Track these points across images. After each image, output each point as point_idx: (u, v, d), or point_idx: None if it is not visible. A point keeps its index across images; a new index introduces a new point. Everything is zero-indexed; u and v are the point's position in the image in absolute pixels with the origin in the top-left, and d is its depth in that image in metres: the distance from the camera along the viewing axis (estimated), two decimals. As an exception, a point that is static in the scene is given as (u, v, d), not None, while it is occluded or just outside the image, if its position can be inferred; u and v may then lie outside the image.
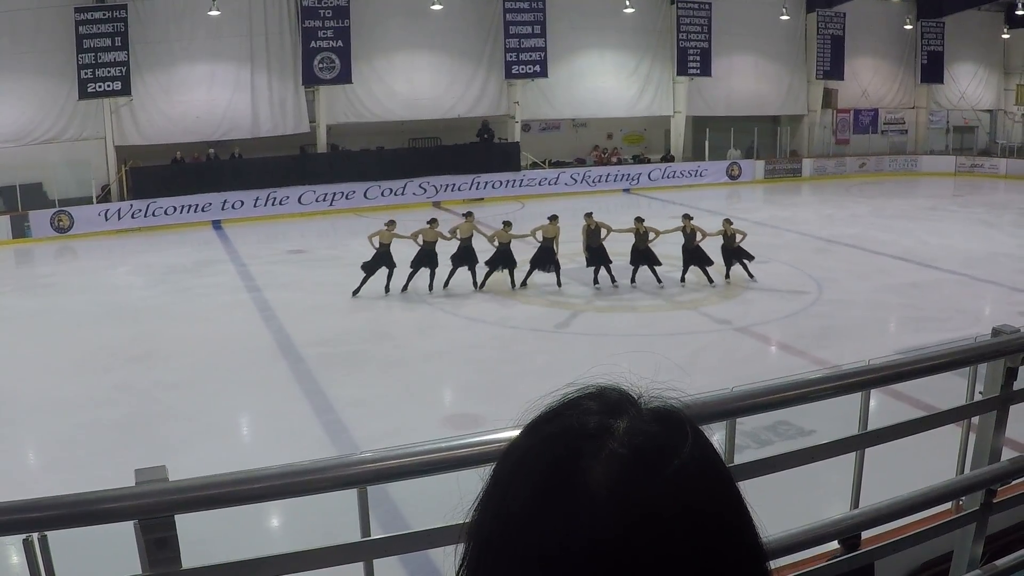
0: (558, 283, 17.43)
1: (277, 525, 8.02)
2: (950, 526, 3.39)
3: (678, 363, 11.98)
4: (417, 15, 29.16)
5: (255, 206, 27.27)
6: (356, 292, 16.87)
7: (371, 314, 16.27)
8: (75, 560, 2.44)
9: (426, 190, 29.47)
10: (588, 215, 17.97)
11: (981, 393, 3.30)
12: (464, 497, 0.88)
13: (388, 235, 16.86)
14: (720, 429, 2.75)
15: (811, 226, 24.81)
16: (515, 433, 0.86)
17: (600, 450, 0.79)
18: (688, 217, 17.93)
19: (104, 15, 25.34)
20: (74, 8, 25.01)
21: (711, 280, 17.77)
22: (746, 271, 18.04)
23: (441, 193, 29.66)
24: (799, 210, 28.67)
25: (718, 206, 26.77)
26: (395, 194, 28.91)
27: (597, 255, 17.57)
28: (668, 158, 34.36)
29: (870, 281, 18.02)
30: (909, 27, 36.70)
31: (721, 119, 34.40)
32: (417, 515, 7.11)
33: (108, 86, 25.73)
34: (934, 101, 38.50)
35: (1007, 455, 3.37)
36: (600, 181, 32.27)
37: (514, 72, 31.13)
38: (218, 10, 26.19)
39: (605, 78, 32.91)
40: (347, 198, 28.41)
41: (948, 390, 3.68)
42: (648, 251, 17.50)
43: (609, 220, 18.12)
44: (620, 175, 32.85)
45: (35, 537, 2.03)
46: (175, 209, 26.28)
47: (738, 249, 17.91)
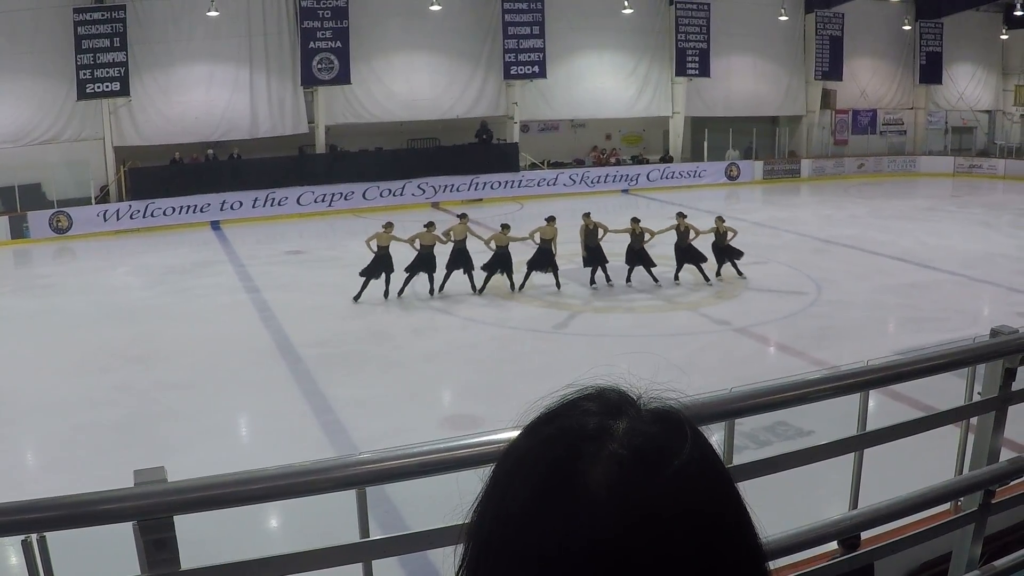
0: (557, 284, 17.42)
1: (276, 526, 8.02)
2: (949, 526, 3.39)
3: (677, 364, 11.98)
4: (416, 16, 29.14)
5: (254, 207, 27.24)
6: (357, 298, 16.69)
7: (370, 315, 16.26)
8: (74, 561, 2.44)
9: (425, 191, 29.47)
10: (586, 215, 18.01)
11: (980, 394, 3.30)
12: (464, 498, 0.88)
13: (386, 237, 16.67)
14: (719, 430, 2.76)
15: (810, 227, 24.81)
16: (514, 434, 0.86)
17: (600, 451, 0.79)
18: (682, 215, 18.07)
19: (103, 16, 25.34)
20: (73, 9, 24.99)
21: (707, 278, 17.87)
22: (735, 269, 18.20)
23: (440, 194, 29.66)
24: (798, 211, 28.69)
25: (717, 207, 26.71)
26: (394, 195, 28.91)
27: (595, 255, 17.63)
28: (667, 159, 34.35)
29: (869, 282, 18.03)
30: (908, 28, 36.69)
31: (720, 120, 34.40)
32: (416, 516, 7.11)
33: (107, 87, 25.71)
34: (932, 102, 38.50)
35: (1006, 456, 3.38)
36: (599, 182, 32.26)
37: (513, 73, 31.12)
38: (217, 11, 26.17)
39: (604, 79, 32.90)
40: (346, 199, 28.39)
41: (947, 391, 3.68)
42: (643, 251, 17.55)
43: (607, 221, 18.13)
44: (619, 176, 32.84)
45: (34, 538, 2.03)
46: (174, 210, 26.28)
47: (728, 247, 18.05)
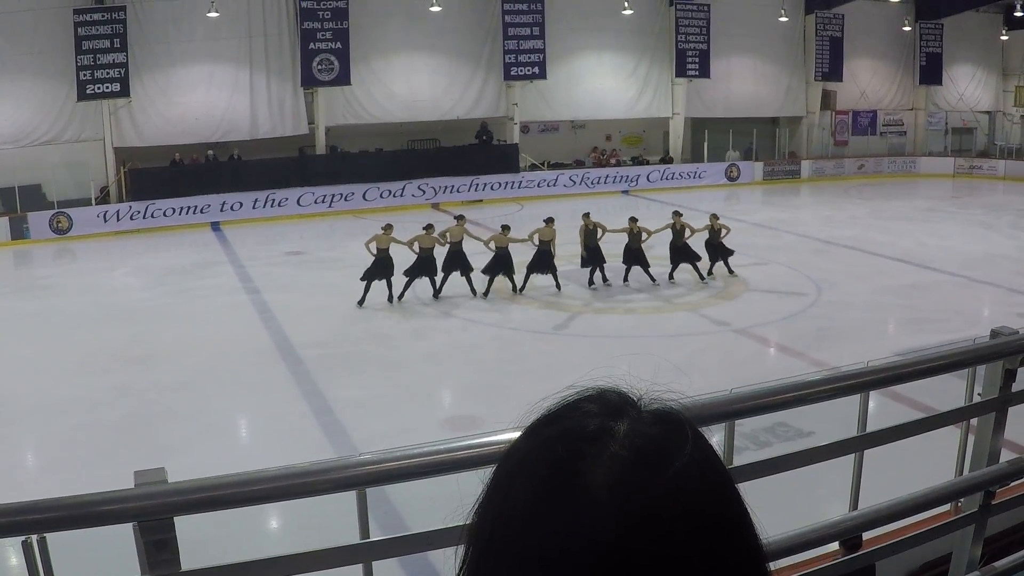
0: (557, 286, 17.42)
1: (276, 527, 8.02)
2: (949, 527, 3.39)
3: (677, 365, 11.98)
4: (416, 17, 29.14)
5: (254, 208, 27.24)
6: (361, 303, 16.51)
7: (370, 316, 16.25)
8: (74, 562, 2.44)
9: (425, 192, 29.48)
10: (586, 215, 18.06)
11: (980, 395, 3.30)
12: (464, 499, 0.88)
13: (386, 239, 16.47)
14: (719, 431, 2.76)
15: (810, 228, 24.81)
16: (515, 435, 0.86)
17: (601, 452, 0.79)
18: (678, 214, 18.29)
19: (103, 16, 25.34)
20: (73, 9, 25.00)
21: (702, 277, 18.07)
22: (727, 267, 18.44)
23: (440, 195, 29.66)
24: (798, 212, 28.69)
25: (717, 208, 26.66)
26: (394, 196, 28.91)
27: (594, 255, 17.70)
28: (667, 160, 34.36)
29: (869, 283, 18.03)
30: (908, 28, 36.69)
31: (720, 121, 34.40)
32: (416, 517, 7.11)
33: (107, 87, 25.72)
34: (933, 103, 38.48)
35: (1006, 456, 3.37)
36: (599, 183, 32.25)
37: (513, 74, 31.11)
38: (217, 12, 26.18)
39: (604, 80, 32.90)
40: (346, 200, 28.39)
41: (947, 392, 3.68)
42: (641, 251, 17.69)
43: (607, 222, 18.17)
44: (619, 176, 32.84)
45: (34, 539, 2.03)
46: (174, 211, 26.27)
47: (721, 244, 18.27)
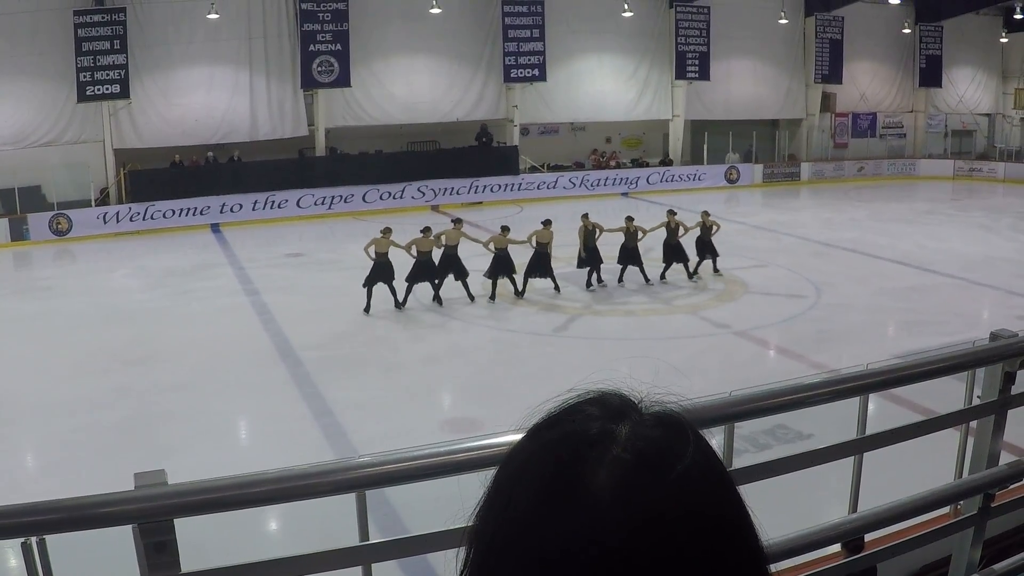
0: (556, 288, 17.43)
1: (276, 529, 8.01)
2: (948, 530, 3.39)
3: (676, 367, 11.98)
4: (416, 19, 29.16)
5: (253, 209, 27.24)
6: (367, 309, 16.21)
7: (370, 318, 16.21)
8: (74, 564, 2.44)
9: (424, 194, 29.48)
10: (585, 216, 18.11)
11: (979, 397, 3.30)
12: (464, 502, 0.88)
13: (385, 243, 16.16)
14: (718, 433, 2.76)
15: (809, 230, 24.82)
16: (514, 438, 0.87)
17: (603, 455, 0.79)
18: (672, 212, 18.47)
19: (103, 18, 25.35)
20: (73, 11, 25.01)
21: (690, 275, 18.38)
22: (713, 265, 18.77)
23: (440, 197, 29.66)
24: (797, 214, 28.70)
25: (716, 210, 26.63)
26: (393, 197, 28.92)
27: (593, 255, 17.78)
28: (666, 162, 34.38)
29: (868, 285, 18.03)
30: (907, 31, 36.73)
31: (719, 123, 34.43)
32: (416, 519, 7.11)
33: (107, 89, 25.73)
34: (932, 105, 38.51)
35: (1005, 459, 3.37)
36: (598, 185, 32.27)
37: (513, 76, 31.14)
38: (217, 13, 26.19)
39: (603, 82, 32.91)
40: (345, 201, 28.39)
41: (946, 394, 3.69)
42: (636, 250, 17.90)
43: (605, 223, 18.19)
44: (618, 179, 32.86)
45: (33, 541, 2.03)
46: (174, 212, 26.27)
47: (710, 243, 18.54)
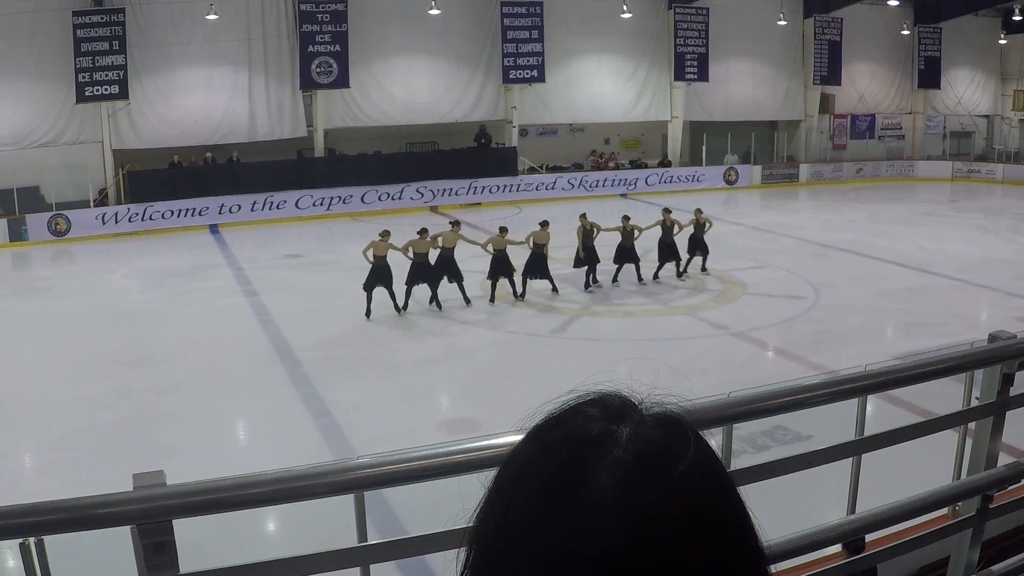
0: (553, 289, 17.42)
1: (274, 530, 8.01)
2: (947, 531, 3.39)
3: (675, 368, 11.96)
4: (415, 20, 29.17)
5: (252, 210, 27.22)
6: (368, 314, 15.99)
7: (368, 318, 16.21)
8: (72, 564, 2.44)
9: (423, 195, 29.47)
10: (583, 216, 18.15)
11: (978, 399, 3.30)
12: (464, 502, 0.88)
13: (383, 246, 15.86)
14: (717, 434, 2.76)
15: (808, 231, 24.83)
16: (514, 439, 0.87)
17: (604, 456, 0.79)
18: (667, 211, 18.65)
19: (102, 19, 25.34)
20: (72, 11, 25.00)
21: (679, 274, 18.61)
22: (702, 264, 18.99)
23: (438, 198, 29.66)
24: (796, 215, 28.71)
25: (715, 211, 26.71)
26: (392, 198, 28.91)
27: (591, 255, 17.83)
28: (665, 163, 34.40)
29: (867, 286, 18.03)
30: (906, 32, 36.76)
31: (718, 124, 34.45)
32: (414, 520, 7.11)
33: (106, 89, 25.72)
34: (931, 106, 38.54)
35: (1003, 460, 3.38)
36: (597, 186, 32.26)
37: (511, 77, 31.14)
38: (216, 14, 26.18)
39: (602, 83, 32.92)
40: (344, 202, 28.38)
41: (945, 396, 3.69)
42: (633, 249, 18.00)
43: (602, 223, 18.19)
44: (617, 180, 32.86)
45: (32, 541, 2.03)
46: (172, 213, 26.25)
47: (702, 241, 18.69)
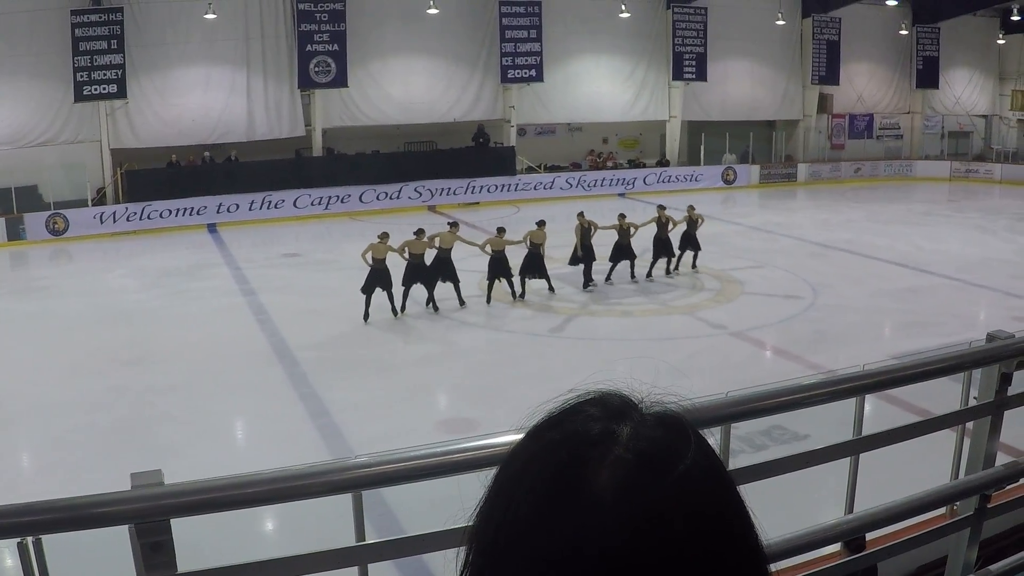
0: (550, 288, 17.41)
1: (272, 529, 8.00)
2: (945, 531, 3.39)
3: (675, 367, 11.97)
4: (413, 19, 29.15)
5: (250, 209, 27.18)
6: (366, 318, 15.64)
7: (366, 322, 16.17)
8: (70, 564, 2.43)
9: (421, 194, 29.46)
10: (580, 214, 18.22)
11: (976, 398, 3.30)
12: (463, 502, 0.88)
13: (382, 249, 15.60)
14: (715, 434, 2.76)
15: (806, 231, 24.85)
16: (511, 438, 0.86)
17: (605, 456, 0.79)
18: (662, 207, 18.82)
19: (100, 18, 25.31)
20: (70, 11, 24.96)
21: (668, 271, 18.85)
22: (693, 260, 19.20)
23: (436, 197, 29.64)
24: (794, 215, 28.75)
25: (713, 211, 26.78)
26: (390, 198, 28.89)
27: (589, 253, 17.88)
28: (663, 163, 34.40)
29: (865, 286, 18.05)
30: (904, 32, 36.76)
31: (716, 124, 34.46)
32: (412, 520, 7.11)
33: (104, 89, 25.69)
34: (929, 106, 38.56)
35: (1001, 460, 3.38)
36: (595, 185, 32.26)
37: (510, 76, 31.13)
38: (214, 13, 26.16)
39: (600, 83, 32.92)
40: (342, 202, 28.36)
41: (943, 395, 3.69)
42: (629, 247, 18.13)
43: (598, 222, 18.20)
44: (615, 179, 32.85)
45: (30, 541, 2.03)
46: (170, 212, 26.23)
47: (694, 237, 18.91)
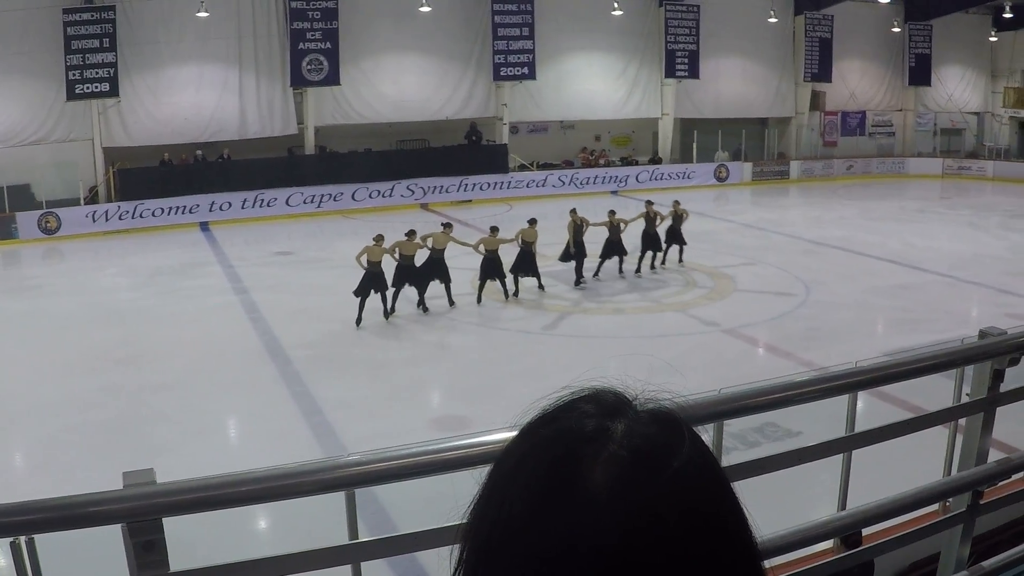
0: (540, 286, 17.40)
1: (265, 527, 7.99)
2: (938, 527, 3.40)
3: (668, 364, 11.98)
4: (405, 17, 29.12)
5: (243, 208, 27.13)
6: (358, 322, 15.27)
7: (358, 327, 16.09)
8: (63, 563, 2.43)
9: (414, 192, 29.43)
10: (572, 211, 18.29)
11: (968, 395, 3.31)
12: (457, 500, 0.87)
13: (378, 251, 15.37)
14: (708, 431, 2.76)
15: (798, 228, 24.88)
16: (503, 436, 0.86)
17: (599, 453, 0.79)
18: (650, 203, 19.16)
19: (92, 16, 25.23)
20: (62, 9, 24.87)
21: (653, 267, 19.09)
22: (679, 255, 19.40)
23: (429, 195, 29.63)
24: (787, 212, 28.78)
25: (706, 208, 26.85)
26: (383, 196, 28.86)
27: (581, 250, 17.94)
28: (656, 160, 34.41)
29: (857, 283, 18.08)
30: (897, 30, 36.82)
31: (709, 121, 34.48)
32: (405, 518, 7.10)
33: (96, 87, 25.61)
34: (922, 103, 38.62)
35: (994, 456, 3.39)
36: (588, 183, 32.24)
37: (502, 74, 31.12)
38: (206, 12, 26.10)
39: (593, 80, 32.92)
40: (335, 200, 28.32)
41: (935, 391, 3.70)
42: (620, 243, 18.31)
43: (588, 218, 18.23)
44: (608, 177, 32.85)
45: (22, 540, 2.02)
46: (163, 211, 26.16)
47: (679, 232, 19.12)
